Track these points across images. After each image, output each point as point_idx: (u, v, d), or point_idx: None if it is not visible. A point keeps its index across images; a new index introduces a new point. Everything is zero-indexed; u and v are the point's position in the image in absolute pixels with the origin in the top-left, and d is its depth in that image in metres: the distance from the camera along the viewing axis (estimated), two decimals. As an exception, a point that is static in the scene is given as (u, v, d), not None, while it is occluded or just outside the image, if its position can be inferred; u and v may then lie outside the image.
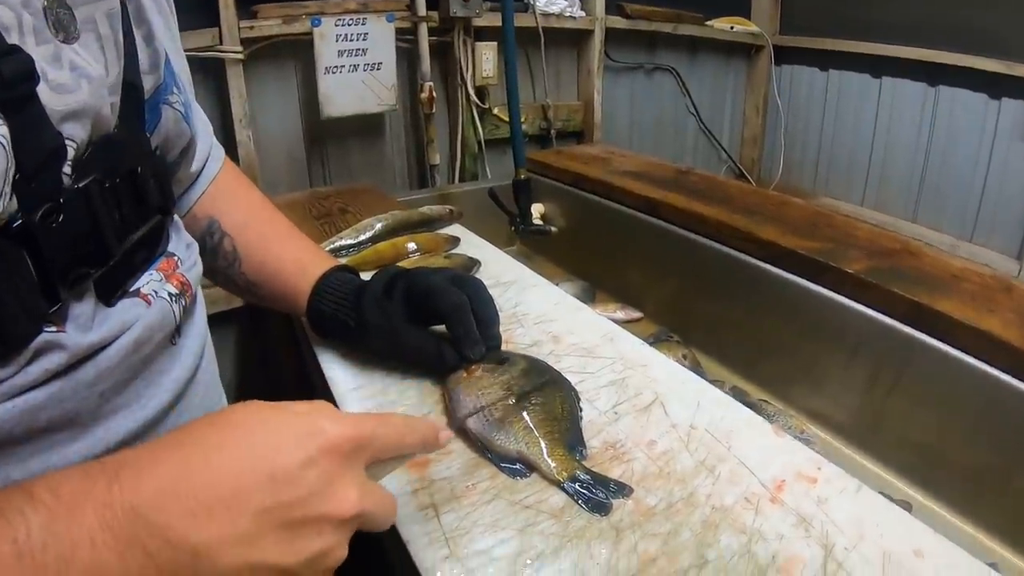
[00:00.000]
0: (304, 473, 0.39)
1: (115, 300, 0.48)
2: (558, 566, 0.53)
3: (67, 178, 0.43)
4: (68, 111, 0.41)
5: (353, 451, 0.42)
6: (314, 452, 0.40)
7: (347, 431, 0.42)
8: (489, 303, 0.75)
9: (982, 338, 0.86)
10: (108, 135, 0.46)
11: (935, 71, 2.12)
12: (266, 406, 0.42)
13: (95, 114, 0.44)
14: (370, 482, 0.44)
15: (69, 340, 0.43)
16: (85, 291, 0.46)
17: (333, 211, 1.40)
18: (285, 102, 1.75)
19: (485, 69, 1.89)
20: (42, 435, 0.43)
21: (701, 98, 2.47)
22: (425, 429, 0.49)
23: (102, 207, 0.45)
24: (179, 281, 0.56)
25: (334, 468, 0.40)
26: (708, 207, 1.28)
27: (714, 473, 0.63)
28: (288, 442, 0.39)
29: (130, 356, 0.49)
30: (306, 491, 0.39)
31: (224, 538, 0.36)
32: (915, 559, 0.55)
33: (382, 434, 0.45)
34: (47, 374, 0.42)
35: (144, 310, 0.50)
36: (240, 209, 0.80)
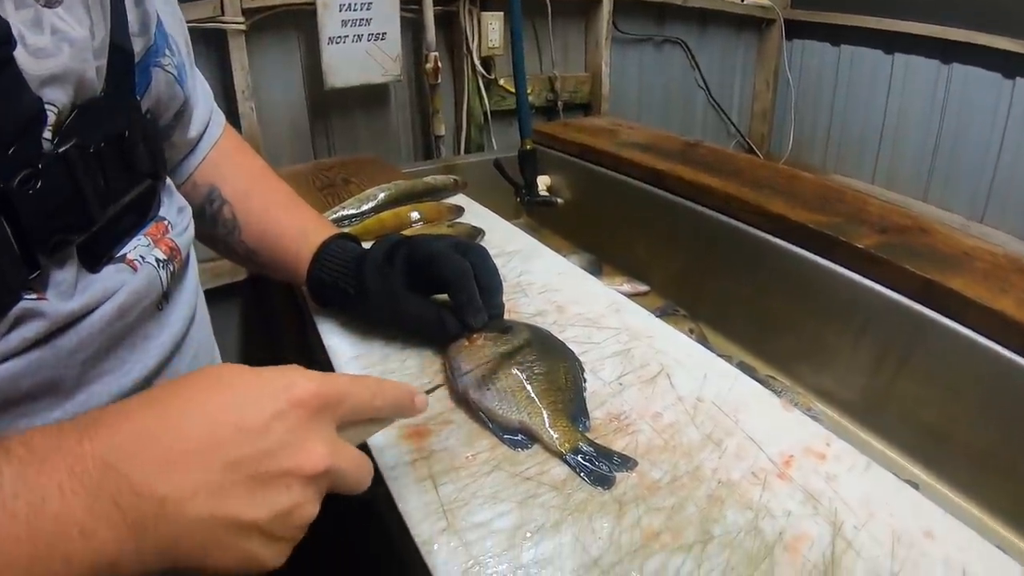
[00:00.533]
0: (273, 425, 0.39)
1: (100, 267, 0.47)
2: (559, 540, 0.52)
3: (48, 143, 0.42)
4: (48, 75, 0.40)
5: (323, 407, 0.42)
6: (283, 405, 0.39)
7: (317, 387, 0.41)
8: (493, 270, 0.74)
9: (994, 318, 0.84)
10: (94, 99, 0.45)
11: (949, 48, 2.08)
12: (238, 366, 0.42)
13: (77, 78, 0.43)
14: (341, 441, 0.43)
15: (49, 308, 0.42)
16: (67, 258, 0.45)
17: (336, 182, 1.39)
18: (288, 73, 1.72)
19: (491, 39, 1.86)
20: (23, 402, 0.43)
21: (711, 71, 2.43)
22: (400, 393, 0.49)
23: (84, 173, 0.44)
24: (168, 246, 0.55)
25: (303, 422, 0.40)
26: (717, 180, 1.26)
27: (721, 447, 0.62)
28: (258, 396, 0.39)
29: (113, 323, 0.48)
30: (274, 444, 0.38)
31: (191, 489, 0.36)
32: (925, 540, 0.53)
33: (354, 393, 0.44)
34: (26, 342, 0.41)
35: (129, 276, 0.49)
36: (241, 176, 0.79)
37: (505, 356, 0.67)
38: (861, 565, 0.51)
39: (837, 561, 0.51)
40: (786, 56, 2.51)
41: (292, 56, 1.71)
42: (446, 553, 0.51)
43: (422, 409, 0.51)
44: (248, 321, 1.81)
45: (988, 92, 2.02)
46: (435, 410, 0.66)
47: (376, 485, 0.61)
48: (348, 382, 0.44)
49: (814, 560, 0.51)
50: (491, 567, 0.50)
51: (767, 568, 0.50)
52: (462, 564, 0.50)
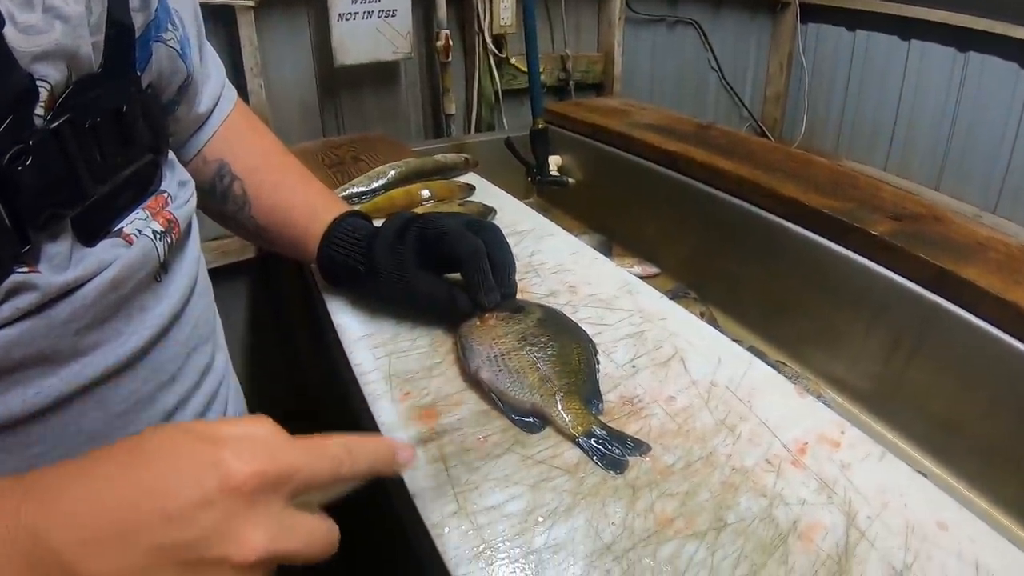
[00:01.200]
0: (199, 513, 0.35)
1: (96, 241, 0.47)
2: (571, 524, 0.51)
3: (40, 120, 0.41)
4: (39, 52, 0.40)
5: (259, 489, 0.37)
6: (211, 491, 0.35)
7: (254, 467, 0.37)
8: (505, 249, 0.73)
9: (1008, 309, 0.83)
10: (91, 75, 0.45)
11: (966, 36, 2.05)
12: (179, 433, 0.38)
13: (71, 55, 0.43)
14: (291, 518, 0.38)
15: (42, 280, 0.42)
16: (61, 231, 0.44)
17: (346, 160, 1.38)
18: (297, 50, 1.70)
19: (503, 17, 1.84)
20: (17, 371, 0.43)
21: (724, 54, 2.41)
22: (376, 454, 0.44)
23: (77, 148, 0.44)
24: (165, 219, 0.55)
25: (235, 508, 0.36)
26: (729, 162, 1.25)
27: (734, 432, 0.61)
28: (186, 478, 0.36)
29: (107, 295, 0.48)
30: (201, 532, 0.35)
31: (114, 572, 0.34)
32: (939, 531, 0.53)
33: (307, 467, 0.39)
34: (19, 312, 0.41)
35: (124, 249, 0.49)
36: (252, 152, 0.78)
37: (518, 336, 0.66)
38: (875, 556, 0.50)
39: (851, 551, 0.50)
40: (800, 40, 2.48)
41: (301, 33, 1.69)
42: (457, 537, 0.51)
43: (407, 465, 0.46)
44: (256, 300, 1.81)
45: (1004, 82, 2.00)
46: (446, 391, 0.66)
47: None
48: (302, 454, 0.39)
49: (828, 550, 0.50)
50: (503, 551, 0.49)
51: (781, 557, 0.49)
52: (473, 548, 0.50)
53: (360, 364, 0.71)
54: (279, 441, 0.39)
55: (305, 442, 0.41)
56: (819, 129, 2.52)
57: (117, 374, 0.49)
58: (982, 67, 2.04)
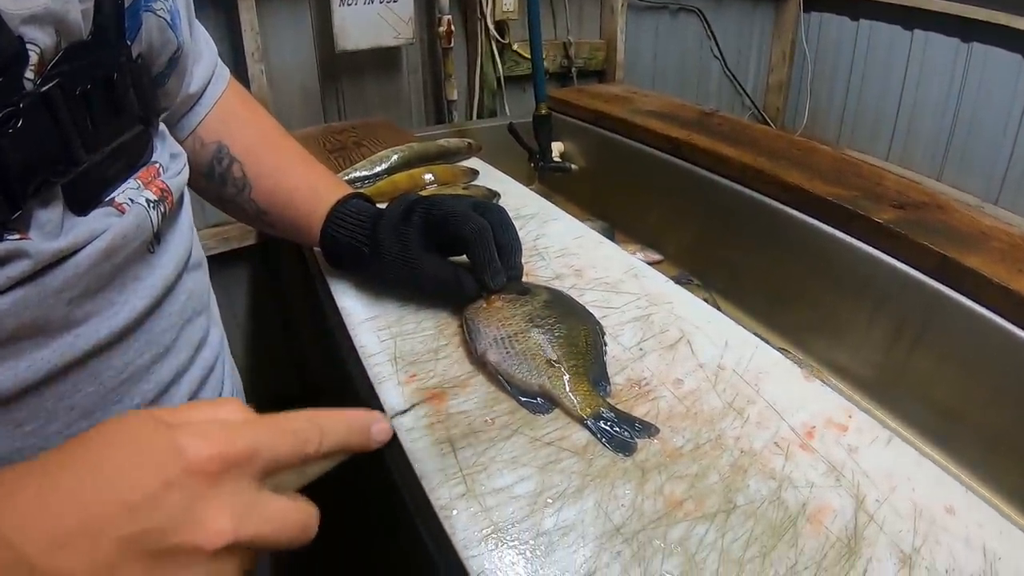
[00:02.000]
0: (162, 500, 0.34)
1: (88, 211, 0.47)
2: (581, 506, 0.51)
3: (30, 83, 0.41)
4: (28, 15, 0.39)
5: (222, 471, 0.36)
6: (173, 475, 0.35)
7: (213, 450, 0.36)
8: (512, 230, 0.73)
9: (1011, 297, 0.83)
10: (81, 42, 0.44)
11: (969, 27, 2.05)
12: (135, 420, 0.37)
13: (59, 19, 0.42)
14: (261, 501, 0.38)
15: (33, 247, 0.42)
16: (52, 199, 0.44)
17: (347, 145, 1.37)
18: (298, 35, 1.69)
19: (505, 3, 1.84)
20: (8, 343, 0.42)
21: (726, 42, 2.40)
22: (350, 428, 0.44)
23: (67, 113, 0.43)
24: (159, 188, 0.54)
25: (199, 491, 0.35)
26: (733, 149, 1.24)
27: (743, 415, 0.61)
28: (146, 465, 0.35)
29: (100, 264, 0.47)
30: (165, 519, 0.34)
31: (82, 567, 0.33)
32: (946, 515, 0.53)
33: (271, 446, 0.39)
34: (10, 281, 0.41)
35: (117, 218, 0.48)
36: (249, 133, 0.78)
37: (525, 318, 0.66)
38: (883, 539, 0.50)
39: (860, 534, 0.50)
40: (803, 29, 2.47)
41: (303, 18, 1.68)
42: (466, 518, 0.50)
43: (384, 440, 0.47)
44: (256, 286, 1.81)
45: (1007, 73, 1.99)
46: (453, 373, 0.66)
47: (390, 448, 0.60)
48: (264, 433, 0.39)
49: (837, 532, 0.50)
50: (512, 533, 0.49)
51: (790, 539, 0.49)
52: (482, 530, 0.50)
53: (365, 346, 0.70)
54: (239, 422, 0.39)
55: (268, 420, 0.40)
56: (821, 118, 2.52)
57: (110, 346, 0.49)
58: (985, 58, 2.04)
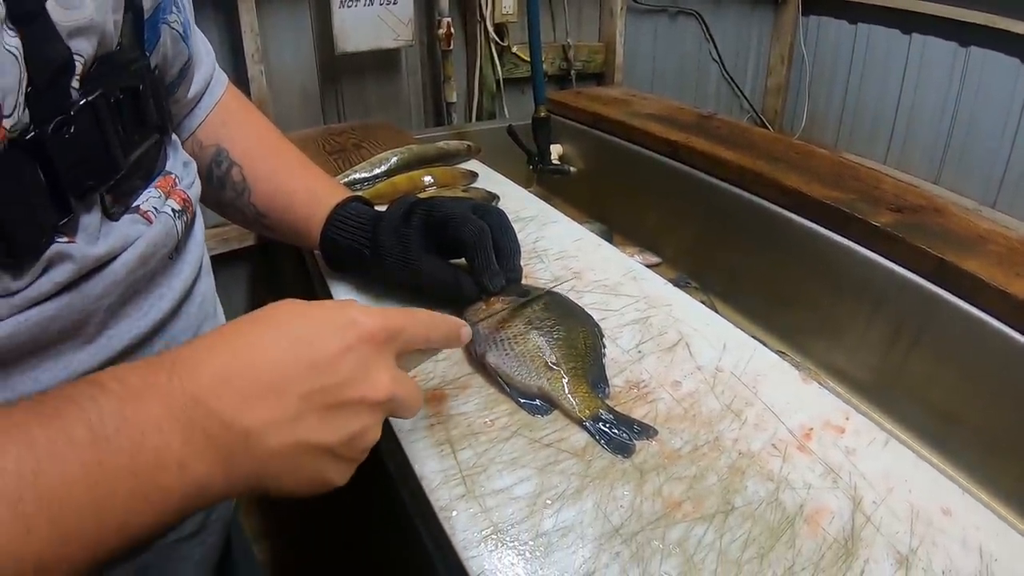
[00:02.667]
0: (342, 359, 0.43)
1: (119, 215, 0.48)
2: (580, 507, 0.52)
3: (75, 92, 0.42)
4: (75, 26, 0.41)
5: (385, 340, 0.45)
6: (351, 340, 0.43)
7: (380, 322, 0.45)
8: (511, 233, 0.73)
9: (1008, 301, 0.83)
10: (111, 53, 0.46)
11: (967, 31, 2.05)
12: (303, 303, 0.45)
13: (100, 31, 0.43)
14: (400, 371, 0.47)
15: (78, 251, 0.43)
16: (93, 204, 0.45)
17: (347, 147, 1.37)
18: (298, 37, 1.70)
19: (505, 6, 1.84)
20: (51, 345, 0.44)
21: (725, 45, 2.40)
22: (448, 326, 0.53)
23: (109, 122, 0.45)
24: (181, 198, 0.56)
25: (369, 355, 0.44)
26: (731, 152, 1.25)
27: (740, 417, 0.61)
28: (327, 332, 0.43)
29: (135, 270, 0.49)
30: (343, 376, 0.42)
31: (272, 420, 0.40)
32: (943, 517, 0.53)
33: (410, 327, 0.48)
34: (57, 287, 0.42)
35: (146, 227, 0.50)
36: (248, 137, 0.78)
37: (524, 320, 0.66)
38: (880, 540, 0.50)
39: (857, 535, 0.51)
40: (802, 32, 2.48)
41: (303, 20, 1.68)
42: (465, 519, 0.51)
43: (467, 340, 0.55)
44: (256, 287, 1.81)
45: (1005, 77, 1.99)
46: (452, 374, 0.66)
47: (387, 441, 0.60)
48: (405, 316, 0.48)
49: (834, 533, 0.51)
50: (512, 534, 0.50)
51: (788, 540, 0.50)
52: (482, 531, 0.50)
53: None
54: (381, 308, 0.48)
55: (400, 309, 0.50)
56: (819, 121, 2.52)
57: (137, 347, 0.51)
58: (983, 62, 2.04)
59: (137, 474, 0.36)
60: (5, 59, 0.36)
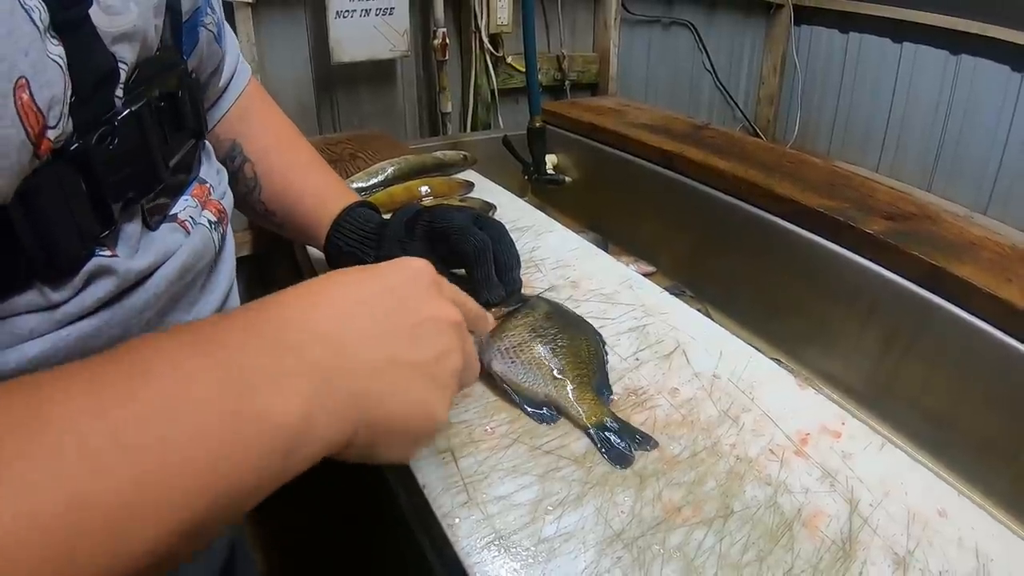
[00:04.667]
0: (409, 285, 0.45)
1: (157, 224, 0.48)
2: (581, 512, 0.52)
3: (119, 101, 0.42)
4: (119, 33, 0.40)
5: (434, 280, 0.47)
6: (412, 273, 0.46)
7: (428, 265, 0.48)
8: (510, 245, 0.74)
9: (999, 306, 0.84)
10: (151, 58, 0.45)
11: (958, 39, 2.07)
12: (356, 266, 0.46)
13: (143, 36, 0.43)
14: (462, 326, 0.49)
15: (119, 265, 0.43)
16: (135, 214, 0.45)
17: (343, 156, 1.38)
18: (294, 47, 1.70)
19: (500, 17, 1.85)
20: None
21: (718, 55, 2.42)
22: (479, 307, 0.55)
23: (152, 130, 0.45)
24: (216, 208, 0.55)
25: (430, 285, 0.46)
26: (725, 161, 1.26)
27: (738, 423, 0.62)
28: (387, 269, 0.46)
29: (175, 283, 0.48)
30: (417, 298, 0.45)
31: (364, 332, 0.40)
32: (939, 519, 0.54)
33: (450, 285, 0.50)
34: (99, 302, 0.42)
35: (184, 238, 0.49)
36: (264, 133, 0.78)
37: (527, 329, 0.67)
38: (878, 542, 0.51)
39: (855, 538, 0.51)
40: (794, 42, 2.50)
41: (299, 30, 1.69)
42: (468, 526, 0.51)
43: (490, 328, 0.58)
44: (252, 296, 1.80)
45: (996, 85, 2.01)
46: (452, 382, 0.67)
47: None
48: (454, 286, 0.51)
49: (832, 536, 0.51)
50: (514, 540, 0.50)
51: (787, 543, 0.50)
52: (484, 537, 0.50)
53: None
54: None
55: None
56: (812, 130, 2.54)
57: None
58: (974, 70, 2.06)
59: (225, 398, 0.32)
60: (50, 68, 0.35)
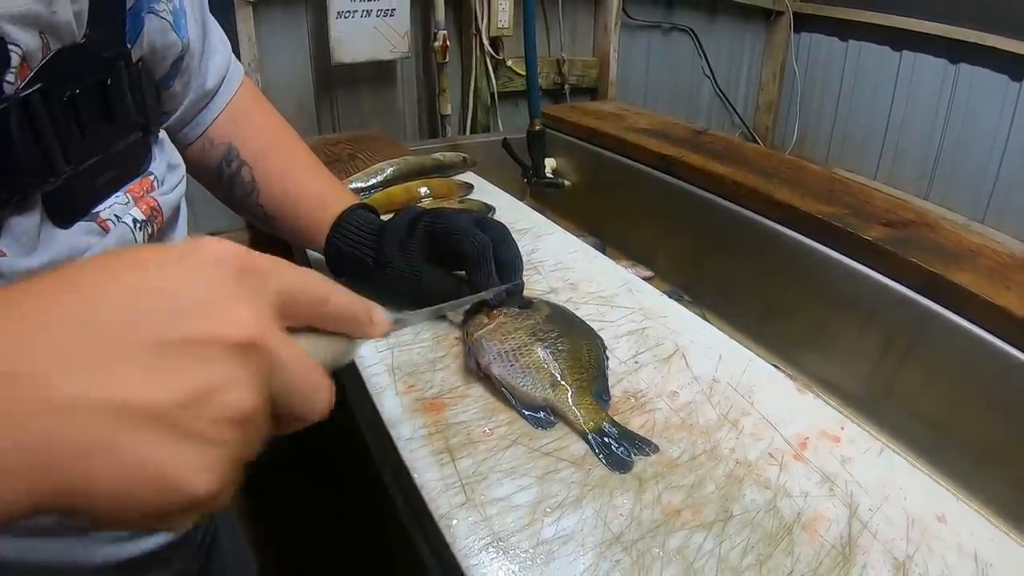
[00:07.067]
0: (184, 282, 0.29)
1: (70, 224, 0.44)
2: (580, 515, 0.52)
3: (11, 87, 0.39)
4: (7, 15, 0.37)
5: (247, 270, 0.31)
6: (193, 263, 0.30)
7: (238, 248, 0.32)
8: (512, 246, 0.73)
9: (997, 313, 0.84)
10: (74, 45, 0.43)
11: (956, 48, 2.08)
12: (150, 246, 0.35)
13: (45, 21, 0.40)
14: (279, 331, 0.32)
15: (6, 264, 0.39)
16: (30, 207, 0.41)
17: (342, 157, 1.38)
18: (295, 47, 1.71)
19: (500, 20, 1.85)
20: None
21: (718, 61, 2.43)
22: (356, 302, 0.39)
23: (47, 121, 0.41)
24: (148, 205, 0.51)
25: (226, 281, 0.30)
26: (724, 167, 1.26)
27: (737, 427, 0.62)
28: (161, 257, 0.30)
29: None
30: (184, 303, 0.29)
31: (64, 362, 0.26)
32: (938, 524, 0.54)
33: (288, 274, 0.33)
34: None
35: (99, 238, 0.46)
36: (260, 136, 0.77)
37: (528, 332, 0.67)
38: (877, 547, 0.51)
39: (854, 542, 0.51)
40: (793, 49, 2.50)
41: (299, 30, 1.69)
42: (466, 528, 0.51)
43: (383, 329, 0.41)
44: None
45: (995, 94, 2.02)
46: (451, 383, 0.66)
47: (383, 451, 0.60)
48: (281, 261, 0.34)
49: (832, 541, 0.51)
50: (512, 542, 0.50)
51: (786, 547, 0.50)
52: (482, 539, 0.50)
53: (362, 357, 0.71)
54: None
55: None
56: (810, 138, 2.55)
57: None
58: (972, 79, 2.07)
59: None
60: None
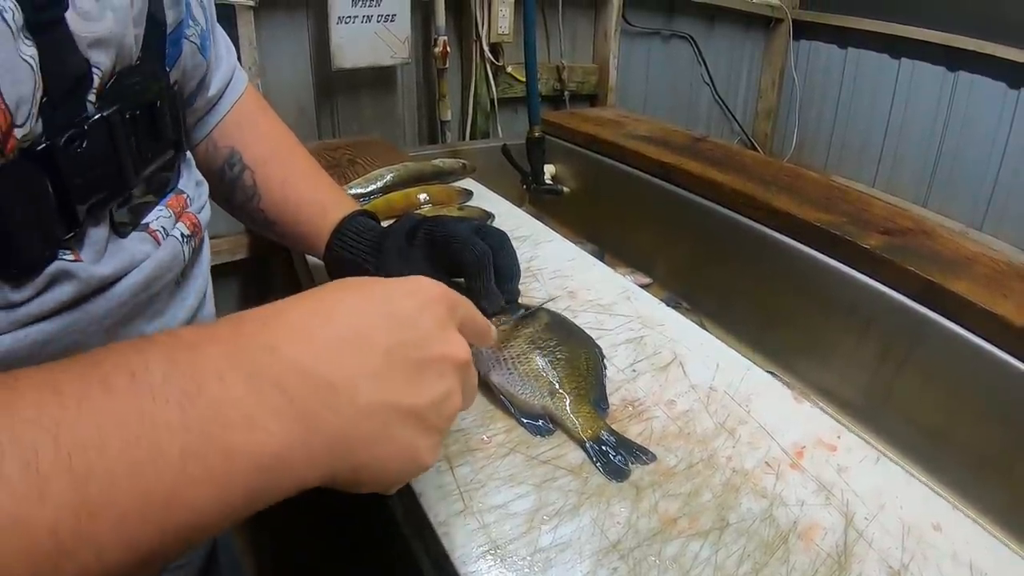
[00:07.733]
0: (420, 316, 0.41)
1: (127, 232, 0.47)
2: (577, 523, 0.52)
3: (91, 106, 0.42)
4: (94, 38, 0.40)
5: (452, 306, 0.44)
6: (424, 300, 0.42)
7: (444, 289, 0.44)
8: (511, 255, 0.74)
9: (995, 321, 0.84)
10: (131, 67, 0.45)
11: (955, 56, 2.09)
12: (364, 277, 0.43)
13: (119, 44, 0.43)
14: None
15: (82, 270, 0.42)
16: (102, 219, 0.45)
17: (342, 162, 1.38)
18: (295, 52, 1.71)
19: (501, 26, 1.86)
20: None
21: (717, 68, 2.43)
22: (486, 319, 0.51)
23: (123, 137, 0.44)
24: (191, 221, 0.55)
25: (443, 315, 0.43)
26: (723, 174, 1.26)
27: (734, 436, 0.62)
28: (399, 293, 0.41)
29: (139, 293, 0.48)
30: (424, 333, 0.40)
31: (359, 374, 0.36)
32: (934, 532, 0.54)
33: (465, 303, 0.46)
34: (60, 305, 0.41)
35: (153, 248, 0.49)
36: (262, 141, 0.78)
37: (526, 340, 0.67)
38: (873, 556, 0.51)
39: (850, 551, 0.52)
40: (792, 56, 2.51)
41: (300, 35, 1.70)
42: (464, 535, 0.51)
43: (493, 341, 0.53)
44: (248, 301, 1.80)
45: (993, 101, 2.03)
46: (449, 391, 0.67)
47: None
48: (461, 296, 0.46)
49: (827, 549, 0.51)
50: (510, 550, 0.50)
51: (782, 556, 0.51)
52: (480, 547, 0.50)
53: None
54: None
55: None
56: (809, 145, 2.55)
57: None
58: (971, 86, 2.08)
59: (189, 430, 0.30)
60: (20, 68, 0.35)
